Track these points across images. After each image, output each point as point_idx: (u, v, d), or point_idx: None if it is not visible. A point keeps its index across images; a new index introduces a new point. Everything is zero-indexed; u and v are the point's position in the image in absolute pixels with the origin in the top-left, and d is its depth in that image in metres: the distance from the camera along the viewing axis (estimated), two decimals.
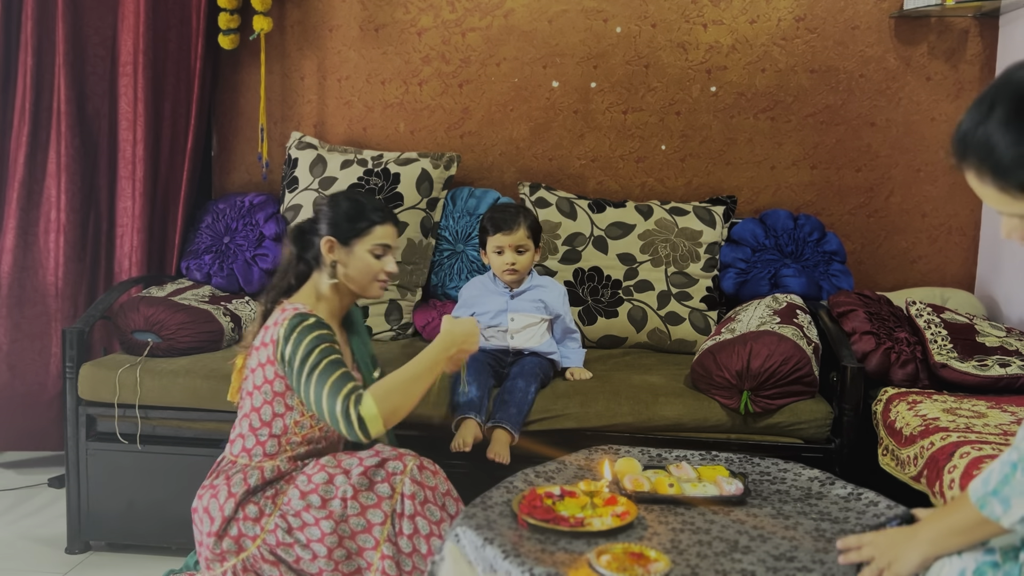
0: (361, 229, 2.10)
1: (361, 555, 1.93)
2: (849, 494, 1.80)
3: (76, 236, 3.10)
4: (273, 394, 2.01)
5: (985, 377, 2.43)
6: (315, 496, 1.93)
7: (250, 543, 1.97)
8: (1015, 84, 1.22)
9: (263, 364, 2.01)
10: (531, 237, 2.58)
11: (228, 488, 1.99)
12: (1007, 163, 1.20)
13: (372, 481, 1.94)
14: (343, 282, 2.11)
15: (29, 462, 3.36)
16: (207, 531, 2.00)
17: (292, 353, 1.94)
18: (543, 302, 2.62)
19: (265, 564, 1.96)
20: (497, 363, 2.56)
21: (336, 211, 2.11)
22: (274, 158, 3.39)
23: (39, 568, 2.60)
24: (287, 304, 2.03)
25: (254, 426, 2.03)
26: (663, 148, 3.30)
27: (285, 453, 2.03)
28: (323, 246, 2.08)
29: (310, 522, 1.93)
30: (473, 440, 2.29)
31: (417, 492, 1.93)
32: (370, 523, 1.92)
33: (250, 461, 2.03)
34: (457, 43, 3.33)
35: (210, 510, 2.00)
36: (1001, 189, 1.23)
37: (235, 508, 1.97)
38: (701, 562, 1.49)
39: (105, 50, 3.15)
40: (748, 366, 2.37)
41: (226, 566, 1.98)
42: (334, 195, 2.17)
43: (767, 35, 3.23)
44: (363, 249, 2.10)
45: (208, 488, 2.04)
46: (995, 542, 1.34)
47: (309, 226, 2.14)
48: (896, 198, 3.26)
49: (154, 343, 2.70)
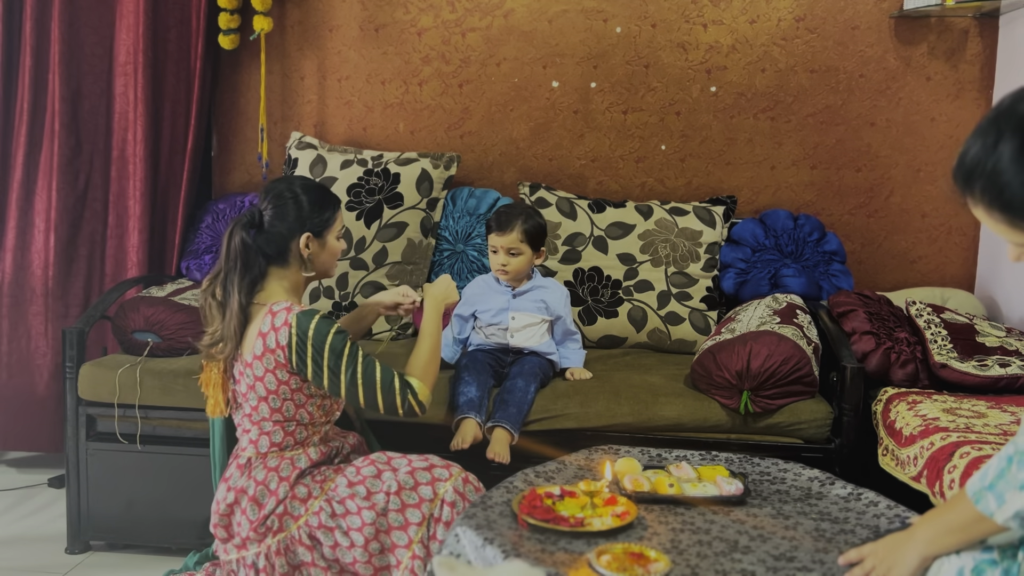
0: (328, 218, 2.11)
1: (393, 551, 1.95)
2: (849, 494, 1.80)
3: (68, 235, 3.10)
4: (291, 391, 2.02)
5: (985, 377, 2.43)
6: (362, 487, 1.97)
7: (292, 523, 2.00)
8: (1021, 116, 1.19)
9: (271, 370, 1.99)
10: (526, 241, 2.56)
11: (278, 475, 2.02)
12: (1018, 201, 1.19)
13: (417, 482, 1.96)
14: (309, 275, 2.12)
15: (29, 462, 3.36)
16: (257, 516, 2.00)
17: (317, 351, 1.96)
18: (545, 303, 2.62)
19: (301, 547, 1.99)
20: (497, 363, 2.56)
21: (301, 205, 2.06)
22: (274, 158, 3.39)
23: (39, 568, 2.60)
24: (273, 306, 2.00)
25: (278, 422, 2.04)
26: (663, 148, 3.30)
27: (315, 435, 2.09)
28: (301, 243, 2.06)
29: (353, 510, 1.96)
30: (472, 440, 2.29)
31: (457, 501, 1.95)
32: (407, 521, 1.94)
33: (281, 452, 2.05)
34: (457, 43, 3.33)
35: (259, 498, 2.01)
36: (1011, 223, 1.22)
37: (289, 489, 2.01)
38: (701, 562, 1.49)
39: (103, 49, 3.15)
40: (748, 366, 2.37)
41: (262, 546, 2.00)
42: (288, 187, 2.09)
43: (767, 35, 3.23)
44: (333, 237, 2.13)
45: (250, 480, 2.03)
46: (993, 540, 1.34)
47: (270, 221, 2.06)
48: (896, 198, 3.26)
49: (154, 343, 2.70)
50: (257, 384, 2.01)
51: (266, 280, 2.07)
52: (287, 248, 2.06)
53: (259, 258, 2.05)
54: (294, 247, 2.07)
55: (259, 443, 2.06)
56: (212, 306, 2.05)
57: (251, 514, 2.01)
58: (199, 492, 2.50)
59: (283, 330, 1.96)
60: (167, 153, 3.19)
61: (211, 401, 2.12)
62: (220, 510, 2.06)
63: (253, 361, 2.00)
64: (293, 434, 2.06)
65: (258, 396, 2.03)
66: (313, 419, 2.07)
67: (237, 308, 2.00)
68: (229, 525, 2.06)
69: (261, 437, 2.05)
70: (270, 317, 1.98)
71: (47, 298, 3.10)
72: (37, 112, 3.10)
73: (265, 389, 2.01)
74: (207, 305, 2.06)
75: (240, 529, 2.03)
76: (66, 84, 3.07)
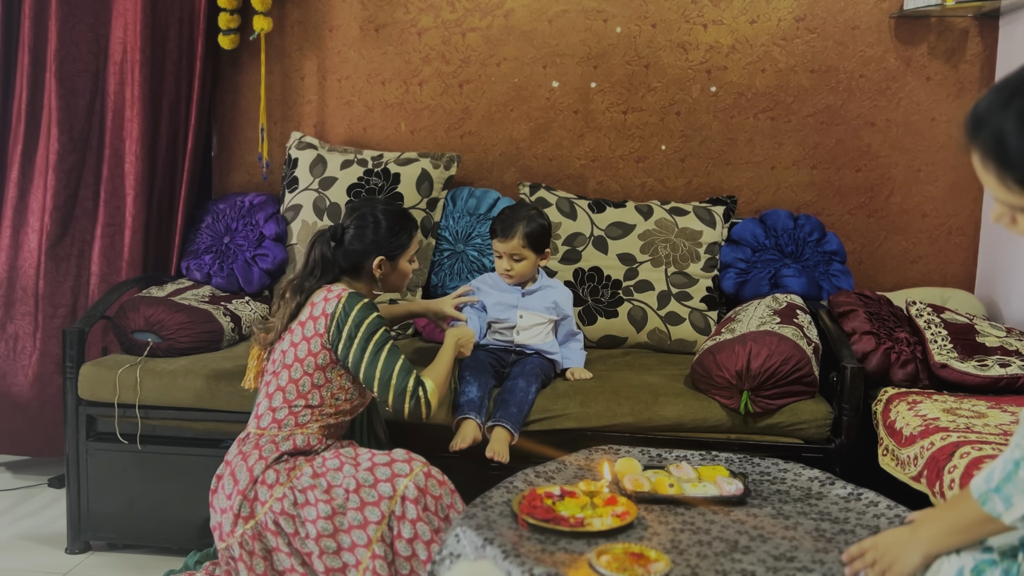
0: (404, 243, 2.25)
1: (352, 551, 1.95)
2: (849, 494, 1.80)
3: (57, 235, 3.09)
4: (315, 367, 2.09)
5: (985, 377, 2.43)
6: (323, 480, 2.00)
7: (260, 508, 2.03)
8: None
9: (308, 338, 2.09)
10: (529, 246, 2.56)
11: (259, 453, 2.07)
12: (1013, 156, 1.21)
13: (376, 479, 1.98)
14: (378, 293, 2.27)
15: (29, 462, 3.35)
16: (231, 491, 2.05)
17: (355, 326, 2.07)
18: (555, 303, 2.62)
19: (268, 532, 2.02)
20: (498, 363, 2.56)
21: (379, 229, 2.21)
22: (274, 158, 3.39)
23: (39, 568, 2.60)
24: (333, 287, 2.14)
25: (289, 398, 2.10)
26: (663, 148, 3.30)
27: (316, 423, 2.12)
28: (375, 265, 2.20)
29: (311, 501, 1.99)
30: (472, 440, 2.30)
31: (420, 497, 1.94)
32: (366, 520, 1.94)
33: (279, 431, 2.10)
34: (457, 43, 3.33)
35: (236, 472, 2.06)
36: (1000, 179, 1.24)
37: (264, 469, 2.04)
38: (701, 562, 1.49)
39: (100, 48, 3.15)
40: (748, 366, 2.37)
41: (236, 534, 2.04)
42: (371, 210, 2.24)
43: (767, 35, 3.23)
44: (405, 260, 2.27)
45: (237, 455, 2.09)
46: (993, 541, 1.34)
47: (351, 240, 2.21)
48: (896, 198, 3.26)
49: (154, 343, 2.70)
50: (289, 350, 2.11)
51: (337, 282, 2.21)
52: (361, 266, 2.22)
53: (335, 269, 2.21)
54: (368, 266, 2.22)
55: (262, 418, 2.12)
56: (280, 305, 2.20)
57: (226, 487, 2.07)
58: (199, 492, 2.50)
59: (332, 301, 2.10)
60: (166, 153, 3.19)
61: (249, 372, 2.26)
62: (212, 484, 2.13)
63: (296, 327, 2.11)
64: (297, 414, 2.10)
65: (284, 363, 2.11)
66: (322, 404, 2.12)
67: (294, 307, 2.15)
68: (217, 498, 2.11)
69: (267, 412, 2.11)
70: (325, 291, 2.14)
71: (36, 298, 3.08)
72: (34, 111, 3.09)
73: (294, 356, 2.10)
74: (278, 303, 2.22)
75: (219, 503, 2.08)
76: (60, 82, 3.06)
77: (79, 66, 3.12)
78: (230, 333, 2.86)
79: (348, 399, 2.17)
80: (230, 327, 2.86)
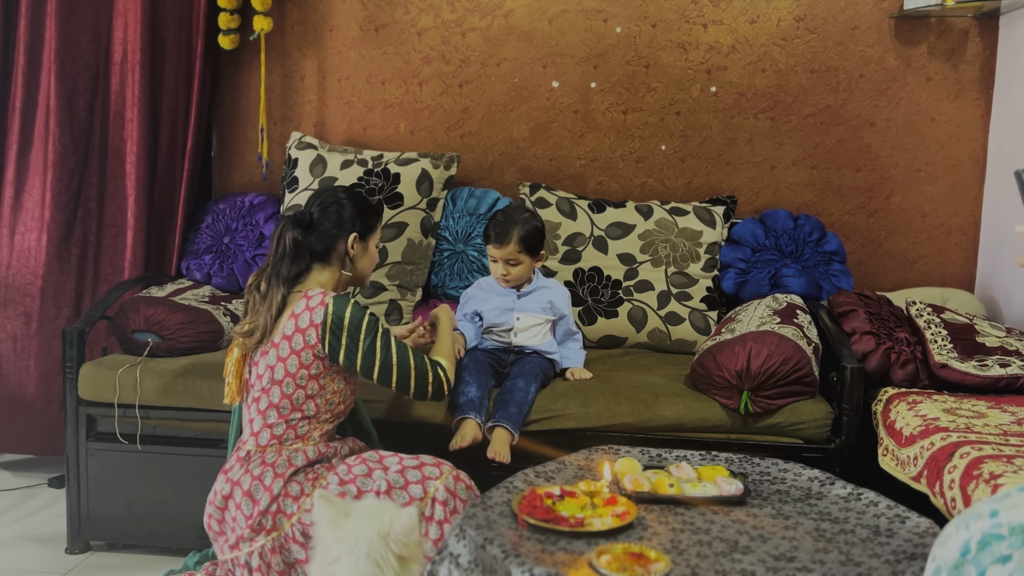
0: (373, 224, 2.24)
1: None
2: (849, 494, 1.80)
3: (60, 235, 3.09)
4: (308, 377, 2.06)
5: (985, 377, 2.43)
6: (352, 486, 1.99)
7: (285, 521, 2.01)
8: None
9: (297, 351, 2.05)
10: (524, 251, 2.55)
11: (274, 471, 2.04)
12: None
13: (407, 481, 1.98)
14: (348, 275, 2.22)
15: (29, 462, 3.35)
16: (251, 512, 2.01)
17: (355, 329, 2.04)
18: (551, 303, 2.62)
19: (295, 544, 2.00)
20: (497, 363, 2.56)
21: (346, 209, 2.18)
22: (274, 158, 3.39)
23: (39, 568, 2.60)
24: (308, 291, 2.09)
25: (284, 413, 2.07)
26: (663, 148, 3.30)
27: (316, 431, 2.10)
28: (349, 242, 2.16)
29: None
30: (472, 440, 2.29)
31: (449, 500, 1.96)
32: None
33: (281, 446, 2.07)
34: (457, 43, 3.33)
35: (253, 492, 2.03)
36: None
37: (283, 487, 2.02)
38: (701, 562, 1.49)
39: (100, 48, 3.15)
40: (748, 366, 2.37)
41: (255, 545, 2.01)
42: (333, 193, 2.21)
43: (767, 35, 3.23)
44: (373, 243, 2.25)
45: (246, 475, 2.05)
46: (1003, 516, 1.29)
47: (319, 220, 2.16)
48: (896, 198, 3.26)
49: (154, 343, 2.70)
50: (277, 365, 2.06)
51: (308, 275, 2.17)
52: (334, 246, 2.17)
53: (306, 255, 2.15)
54: (340, 246, 2.17)
55: (260, 436, 2.08)
56: (256, 299, 2.14)
57: (245, 508, 2.02)
58: (199, 492, 2.48)
59: (318, 310, 2.04)
60: (166, 153, 3.19)
61: (229, 388, 2.18)
62: (216, 501, 2.08)
63: (281, 341, 2.06)
64: (295, 427, 2.08)
65: (273, 379, 2.06)
66: (319, 412, 2.10)
67: (279, 299, 2.10)
68: (223, 520, 2.07)
69: (263, 429, 2.08)
70: (304, 300, 2.08)
71: (38, 299, 3.08)
72: (29, 110, 3.09)
73: (284, 371, 2.05)
74: (251, 298, 2.16)
75: (235, 524, 2.04)
76: (61, 82, 3.06)
77: (79, 66, 3.11)
78: (230, 333, 2.86)
79: (342, 400, 2.15)
80: (230, 327, 2.86)
